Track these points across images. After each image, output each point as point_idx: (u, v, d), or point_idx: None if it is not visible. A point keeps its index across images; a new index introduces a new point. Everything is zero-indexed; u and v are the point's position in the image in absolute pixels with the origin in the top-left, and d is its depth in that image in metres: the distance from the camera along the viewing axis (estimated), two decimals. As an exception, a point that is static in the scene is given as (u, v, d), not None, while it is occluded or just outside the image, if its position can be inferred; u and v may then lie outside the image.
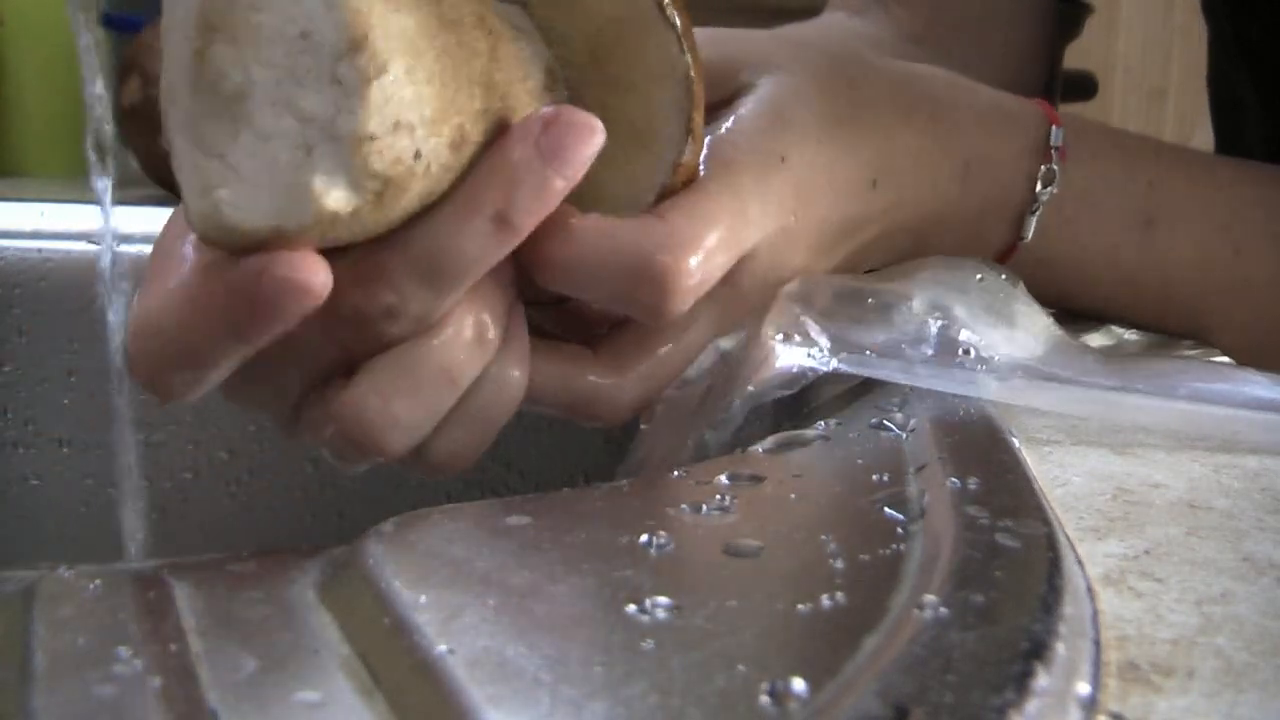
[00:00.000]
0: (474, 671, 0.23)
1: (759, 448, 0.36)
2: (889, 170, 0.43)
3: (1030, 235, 0.47)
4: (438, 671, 0.23)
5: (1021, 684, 0.23)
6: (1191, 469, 0.36)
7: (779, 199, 0.39)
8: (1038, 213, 0.47)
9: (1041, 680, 0.23)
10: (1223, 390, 0.40)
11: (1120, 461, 0.36)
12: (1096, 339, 0.49)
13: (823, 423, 0.37)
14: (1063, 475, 0.35)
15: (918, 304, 0.42)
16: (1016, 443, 0.36)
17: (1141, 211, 0.47)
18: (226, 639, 0.25)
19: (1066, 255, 0.48)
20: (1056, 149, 0.46)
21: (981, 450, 0.34)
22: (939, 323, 0.42)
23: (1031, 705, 0.22)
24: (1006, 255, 0.48)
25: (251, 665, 0.24)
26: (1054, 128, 0.46)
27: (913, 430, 0.36)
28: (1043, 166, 0.46)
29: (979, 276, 0.45)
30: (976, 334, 0.44)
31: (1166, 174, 0.48)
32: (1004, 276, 0.45)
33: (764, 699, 0.22)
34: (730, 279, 0.39)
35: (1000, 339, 0.43)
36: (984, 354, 0.42)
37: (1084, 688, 0.24)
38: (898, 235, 0.45)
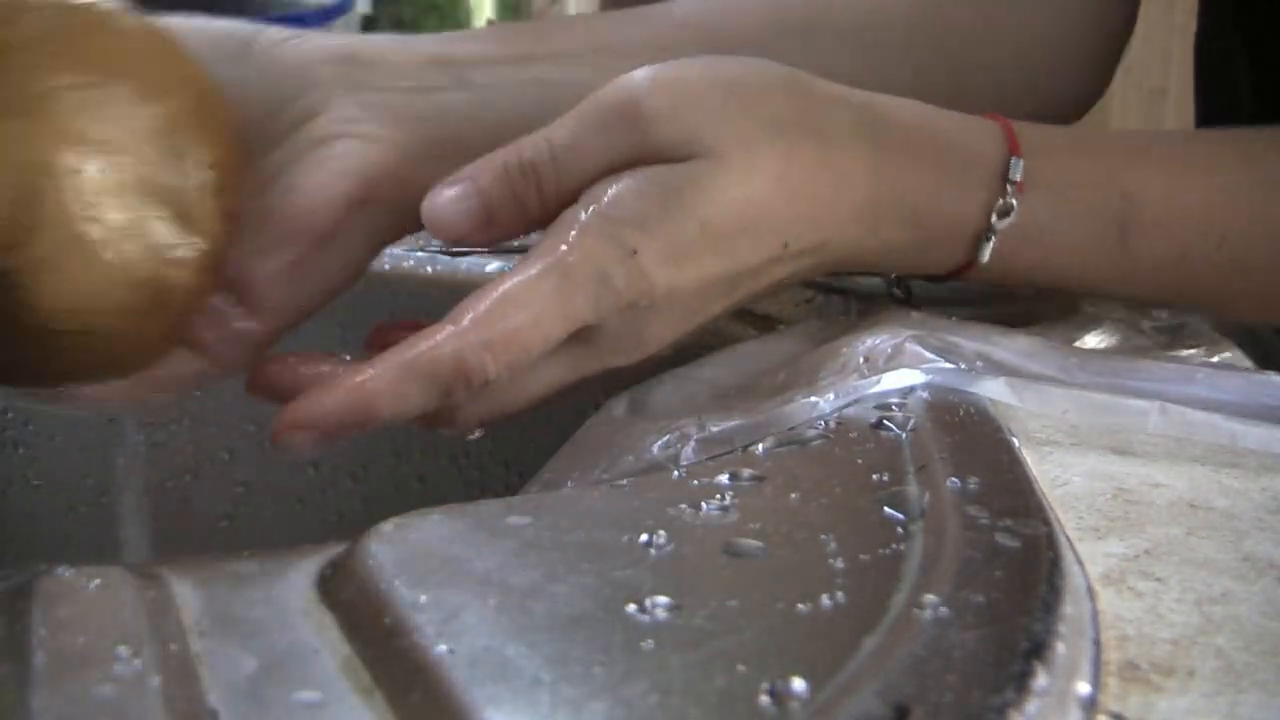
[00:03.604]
0: (474, 671, 0.23)
1: (759, 448, 0.36)
2: (813, 231, 0.42)
3: (986, 258, 0.46)
4: (438, 671, 0.23)
5: (1021, 684, 0.23)
6: (1191, 469, 0.36)
7: (622, 285, 0.39)
8: (993, 240, 0.45)
9: (1041, 680, 0.23)
10: (1224, 396, 0.40)
11: (1120, 461, 0.36)
12: (1095, 339, 0.49)
13: (823, 423, 0.37)
14: (1063, 475, 0.35)
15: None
16: (1016, 443, 0.36)
17: (1115, 224, 0.46)
18: (226, 639, 0.25)
19: (1032, 268, 0.47)
20: (1014, 183, 0.44)
21: (981, 450, 0.34)
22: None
23: (1031, 705, 0.22)
24: (961, 272, 0.47)
25: (251, 665, 0.24)
26: (1013, 159, 0.44)
27: (913, 430, 0.36)
28: (999, 200, 0.44)
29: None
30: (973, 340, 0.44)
31: (1142, 181, 0.46)
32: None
33: (764, 699, 0.22)
34: (580, 336, 0.39)
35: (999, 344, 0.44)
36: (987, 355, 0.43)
37: (1084, 688, 0.24)
38: (826, 267, 0.45)
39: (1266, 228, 0.46)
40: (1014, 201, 0.44)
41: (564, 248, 0.38)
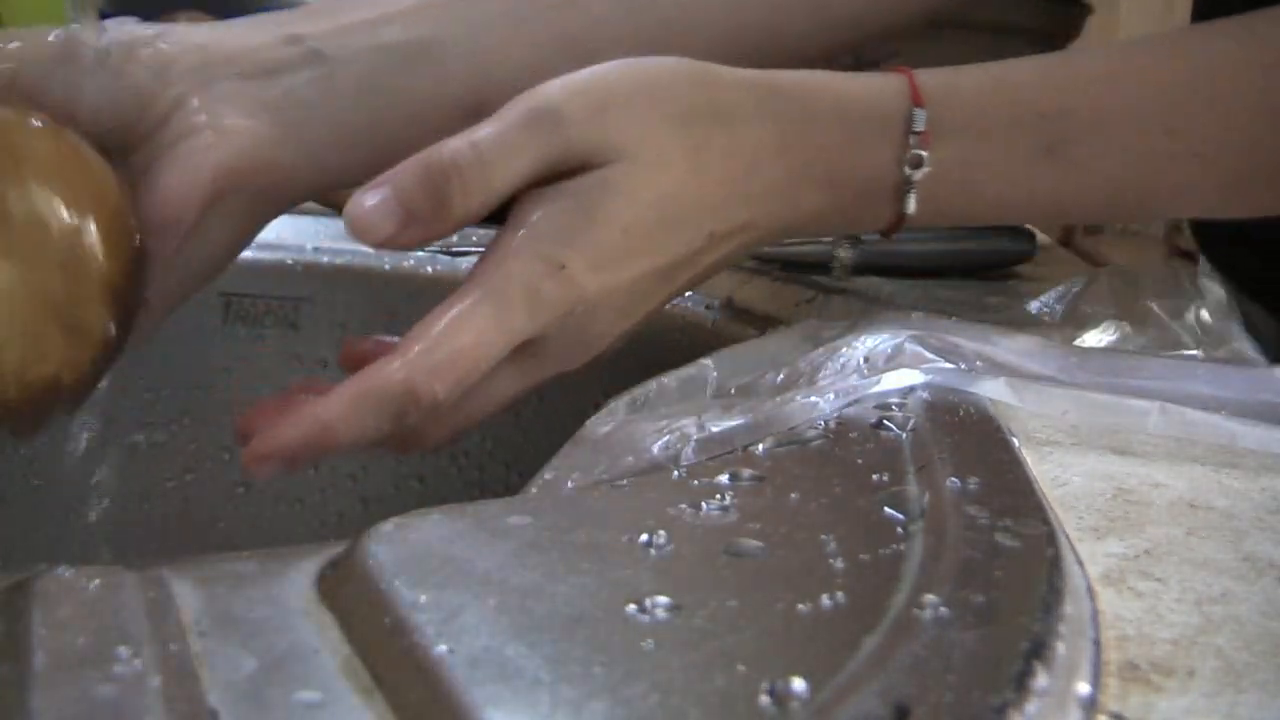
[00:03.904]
0: (474, 671, 0.23)
1: (759, 448, 0.36)
2: (733, 215, 0.44)
3: (913, 209, 0.46)
4: (438, 671, 0.23)
5: (1021, 684, 0.23)
6: (1191, 469, 0.36)
7: (555, 297, 0.40)
8: (913, 191, 0.46)
9: (1041, 680, 0.23)
10: (1224, 396, 0.40)
11: (1120, 461, 0.36)
12: (1095, 338, 0.49)
13: (823, 422, 0.37)
14: (1063, 475, 0.35)
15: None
16: (1016, 443, 0.36)
17: (1039, 146, 0.46)
18: (226, 639, 0.25)
19: (967, 207, 0.48)
20: (918, 134, 0.45)
21: (981, 450, 0.34)
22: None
23: (1031, 705, 0.22)
24: (895, 226, 0.47)
25: (251, 665, 0.24)
26: (915, 110, 0.45)
27: (913, 430, 0.36)
28: (908, 153, 0.45)
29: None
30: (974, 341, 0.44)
31: (1061, 98, 0.46)
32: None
33: (764, 699, 0.22)
34: (527, 349, 0.41)
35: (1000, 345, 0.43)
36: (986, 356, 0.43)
37: (1084, 688, 0.24)
38: (757, 244, 0.46)
39: (1220, 113, 0.46)
40: (923, 153, 0.45)
41: (497, 271, 0.40)
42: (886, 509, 0.31)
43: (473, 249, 0.69)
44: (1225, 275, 0.76)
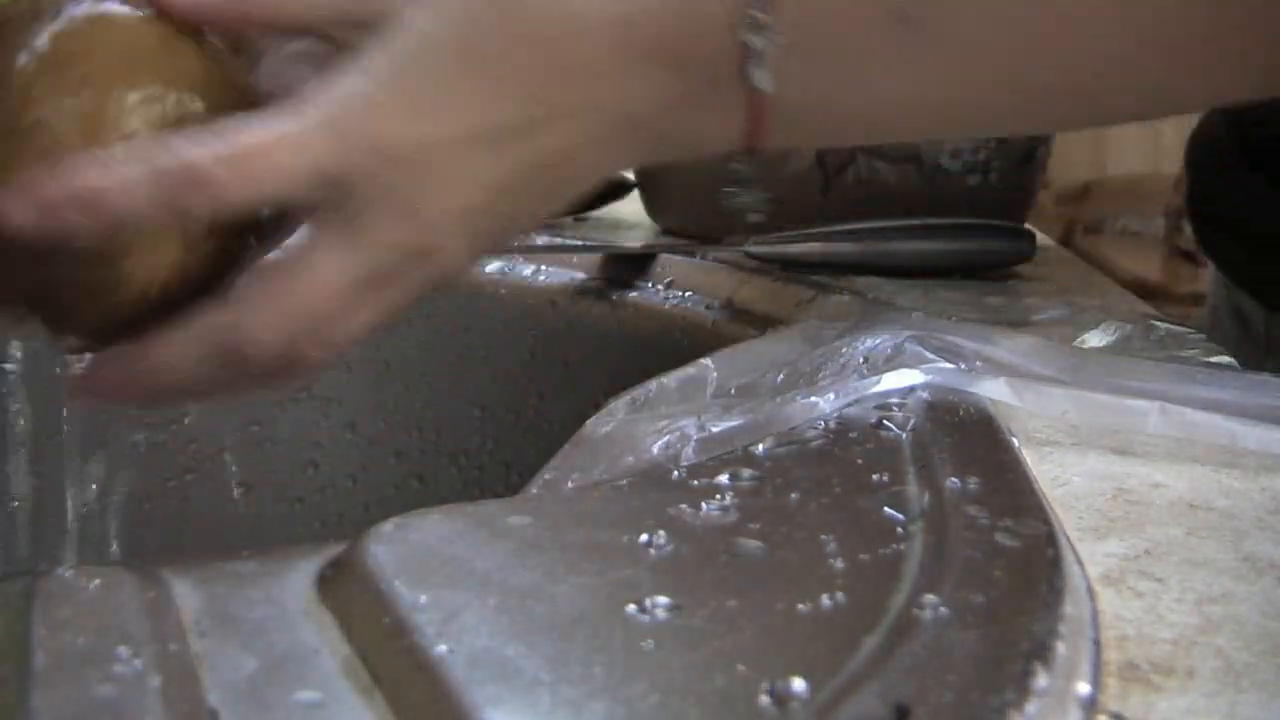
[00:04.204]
0: (474, 671, 0.23)
1: (759, 448, 0.36)
2: (564, 87, 0.42)
3: (767, 86, 0.42)
4: (438, 671, 0.23)
5: (1021, 684, 0.23)
6: (1191, 469, 0.36)
7: (356, 124, 0.39)
8: (763, 63, 0.42)
9: (1041, 680, 0.23)
10: (1224, 396, 0.40)
11: (1120, 461, 0.36)
12: (1095, 339, 0.49)
13: (823, 422, 0.37)
14: (1063, 475, 0.35)
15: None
16: (1016, 443, 0.36)
17: (890, 13, 0.42)
18: (226, 639, 0.25)
19: (832, 90, 0.44)
20: None
21: (981, 450, 0.34)
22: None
23: (1031, 705, 0.22)
24: (762, 114, 0.43)
25: (251, 665, 0.24)
26: None
27: (913, 430, 0.36)
28: (743, 14, 0.41)
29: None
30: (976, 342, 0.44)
31: None
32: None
33: (764, 699, 0.22)
34: (342, 206, 0.39)
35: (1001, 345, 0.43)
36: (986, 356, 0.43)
37: (1084, 687, 0.24)
38: (616, 135, 0.43)
39: (1130, 9, 0.41)
40: (757, 13, 0.41)
41: (298, 96, 0.39)
42: (886, 509, 0.31)
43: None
44: (1220, 267, 0.77)
